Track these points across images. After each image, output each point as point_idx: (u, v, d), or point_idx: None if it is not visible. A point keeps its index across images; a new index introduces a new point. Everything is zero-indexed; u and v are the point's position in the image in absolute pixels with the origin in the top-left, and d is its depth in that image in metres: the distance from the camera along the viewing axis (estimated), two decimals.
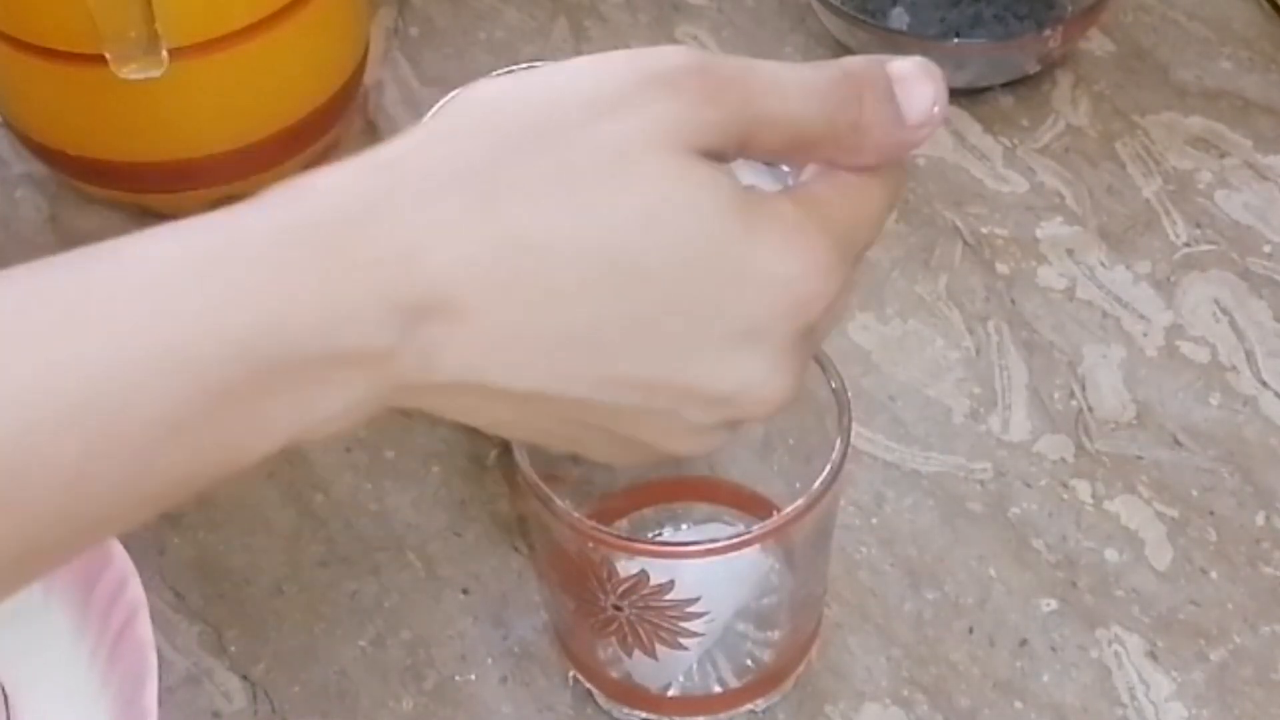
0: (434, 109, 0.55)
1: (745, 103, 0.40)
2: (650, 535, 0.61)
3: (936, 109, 0.42)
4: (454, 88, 0.60)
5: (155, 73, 0.66)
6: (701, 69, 0.40)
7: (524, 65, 0.47)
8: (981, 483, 0.66)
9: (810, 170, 0.43)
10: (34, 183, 0.79)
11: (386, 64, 0.83)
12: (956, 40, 0.79)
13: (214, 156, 0.72)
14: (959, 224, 0.75)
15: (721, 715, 0.59)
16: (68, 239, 0.76)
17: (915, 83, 0.42)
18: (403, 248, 0.37)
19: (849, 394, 0.55)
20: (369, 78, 0.79)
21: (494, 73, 0.41)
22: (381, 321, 0.37)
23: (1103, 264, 0.73)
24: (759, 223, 0.40)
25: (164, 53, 0.66)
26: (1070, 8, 0.80)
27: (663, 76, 0.39)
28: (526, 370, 0.39)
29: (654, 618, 0.55)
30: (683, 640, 0.56)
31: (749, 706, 0.59)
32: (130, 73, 0.66)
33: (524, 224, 0.38)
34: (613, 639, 0.56)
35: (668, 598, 0.54)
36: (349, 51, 0.76)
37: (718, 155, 0.40)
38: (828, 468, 0.54)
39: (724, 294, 0.40)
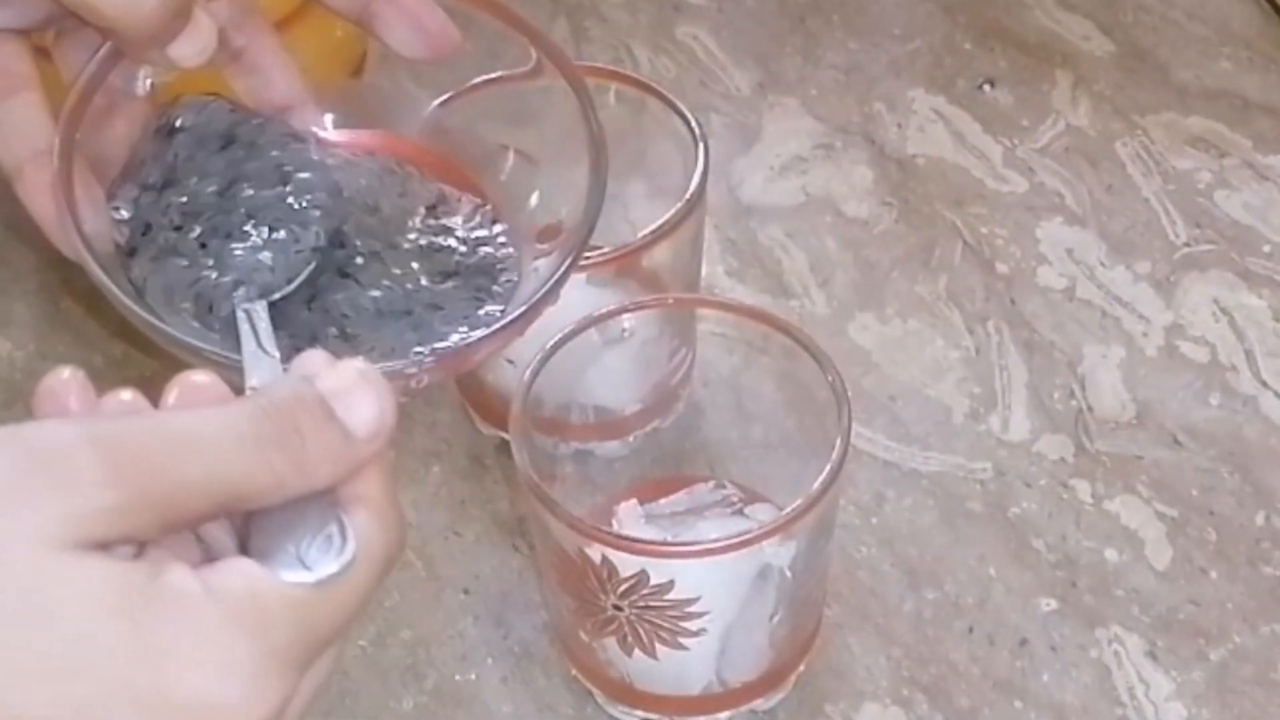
0: None
1: (155, 475, 0.34)
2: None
3: (387, 417, 0.38)
4: (449, 90, 0.60)
5: (169, 76, 0.66)
6: (95, 443, 0.34)
7: None
8: (981, 482, 0.66)
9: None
10: None
11: (383, 67, 0.83)
12: None
13: None
14: (959, 224, 0.75)
15: (721, 715, 0.59)
16: None
17: (355, 395, 0.37)
18: None
19: (849, 394, 0.55)
20: (366, 82, 0.79)
21: None
22: None
23: (1103, 264, 0.73)
24: (167, 634, 0.33)
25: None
26: None
27: (45, 461, 0.34)
28: None
29: (654, 618, 0.55)
30: (683, 640, 0.56)
31: (749, 706, 0.59)
32: (148, 74, 0.66)
33: None
34: (613, 639, 0.56)
35: (668, 598, 0.54)
36: (347, 55, 0.76)
37: (131, 540, 0.35)
38: (828, 468, 0.54)
39: None
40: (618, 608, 0.55)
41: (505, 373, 0.64)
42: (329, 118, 0.55)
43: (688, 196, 0.61)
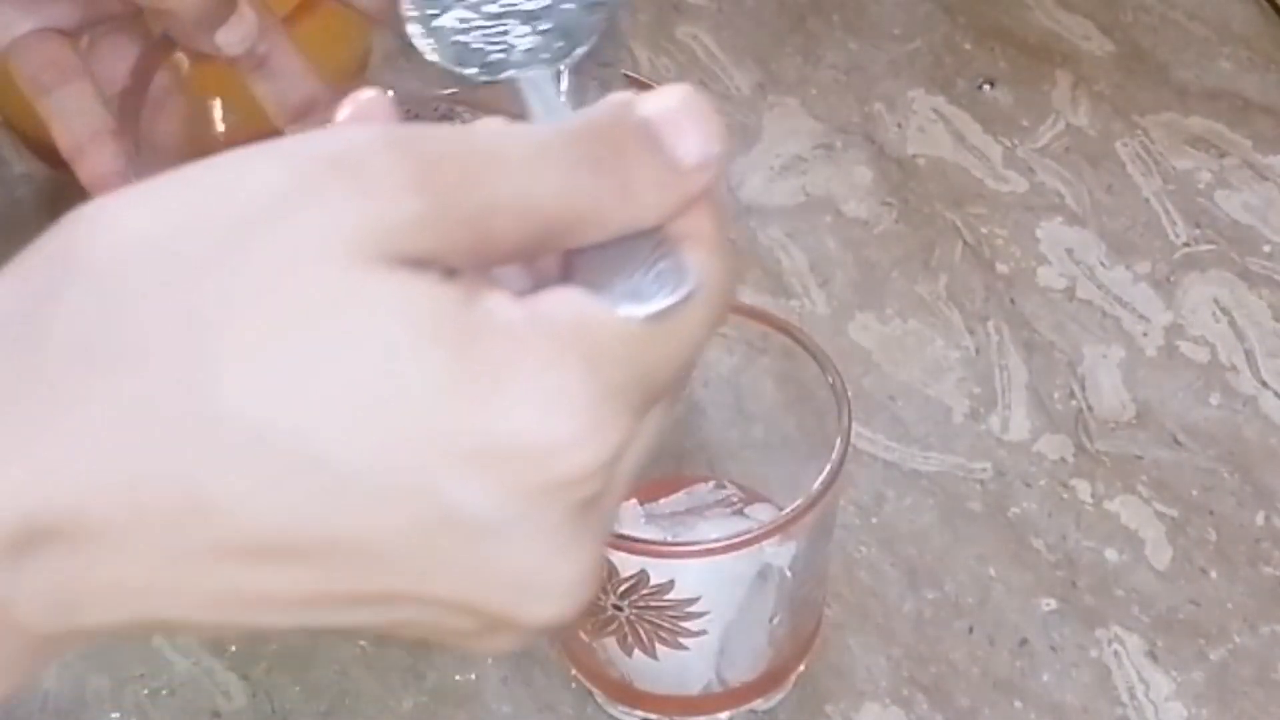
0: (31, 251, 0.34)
1: (464, 185, 0.30)
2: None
3: (715, 145, 0.33)
4: (454, 88, 0.60)
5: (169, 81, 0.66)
6: (396, 145, 0.30)
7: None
8: (981, 482, 0.66)
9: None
10: (34, 183, 0.79)
11: (389, 67, 0.83)
12: None
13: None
14: (959, 224, 0.75)
15: (721, 715, 0.59)
16: None
17: (680, 122, 0.34)
18: None
19: (849, 394, 0.55)
20: (372, 81, 0.79)
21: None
22: None
23: (1103, 264, 0.73)
24: (488, 365, 0.29)
25: (181, 55, 0.66)
26: None
27: (342, 162, 0.29)
28: (198, 596, 0.30)
29: (654, 618, 0.55)
30: (683, 640, 0.56)
31: (749, 706, 0.59)
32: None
33: (145, 410, 0.29)
34: (613, 639, 0.56)
35: (668, 598, 0.54)
36: (352, 55, 0.76)
37: (438, 262, 0.30)
38: (828, 468, 0.54)
39: (450, 474, 0.29)
40: (618, 608, 0.55)
41: None
42: None
43: None
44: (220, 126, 0.69)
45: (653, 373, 0.31)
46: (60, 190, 0.78)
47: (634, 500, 0.60)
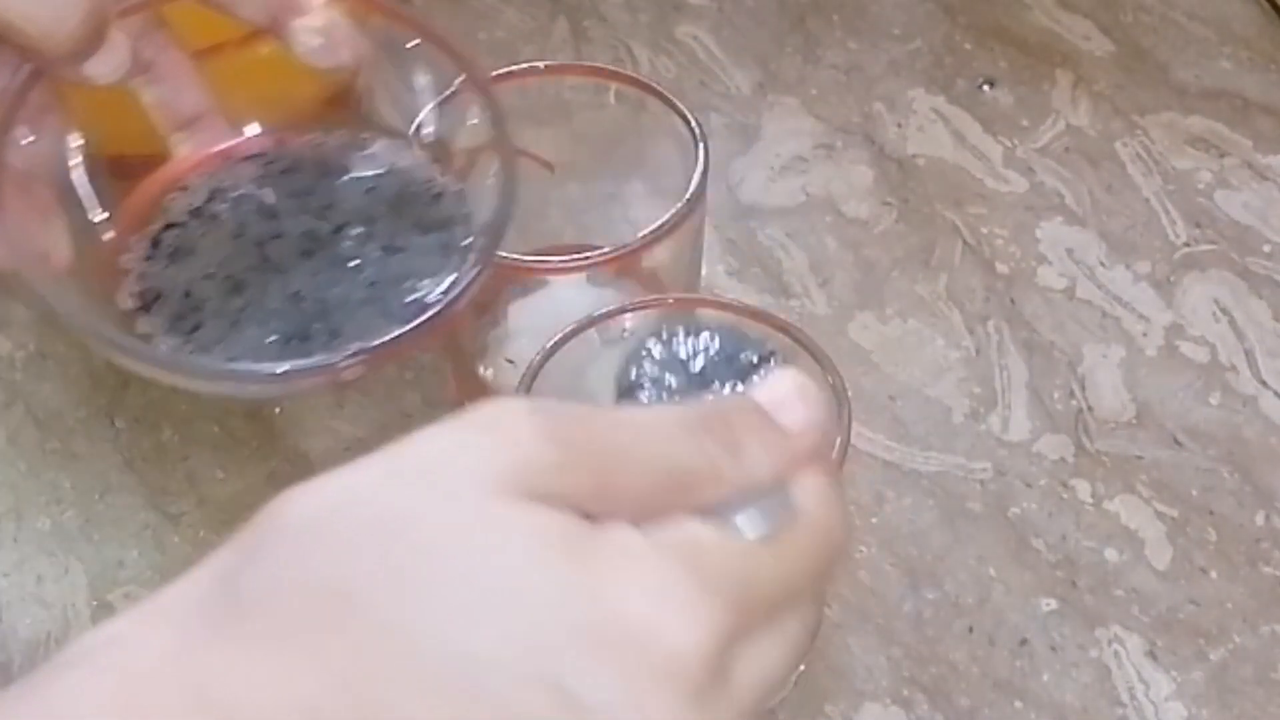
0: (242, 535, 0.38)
1: (594, 438, 0.35)
2: None
3: (819, 413, 0.39)
4: (443, 92, 0.60)
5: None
6: (536, 411, 0.35)
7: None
8: (981, 482, 0.66)
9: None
10: None
11: (377, 69, 0.83)
12: None
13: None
14: (959, 224, 0.75)
15: None
16: None
17: (789, 400, 0.38)
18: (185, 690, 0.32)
19: (849, 394, 0.55)
20: (368, 80, 0.79)
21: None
22: None
23: (1103, 264, 0.73)
24: (604, 572, 0.34)
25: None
26: None
27: (491, 425, 0.35)
28: None
29: None
30: None
31: None
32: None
33: (354, 653, 0.33)
34: None
35: None
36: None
37: (570, 501, 0.35)
38: None
39: (574, 662, 0.33)
40: None
41: (505, 372, 0.64)
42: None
43: (688, 196, 0.61)
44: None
45: (759, 586, 0.35)
46: None
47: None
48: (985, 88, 0.80)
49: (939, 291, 0.73)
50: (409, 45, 0.56)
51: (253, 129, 0.58)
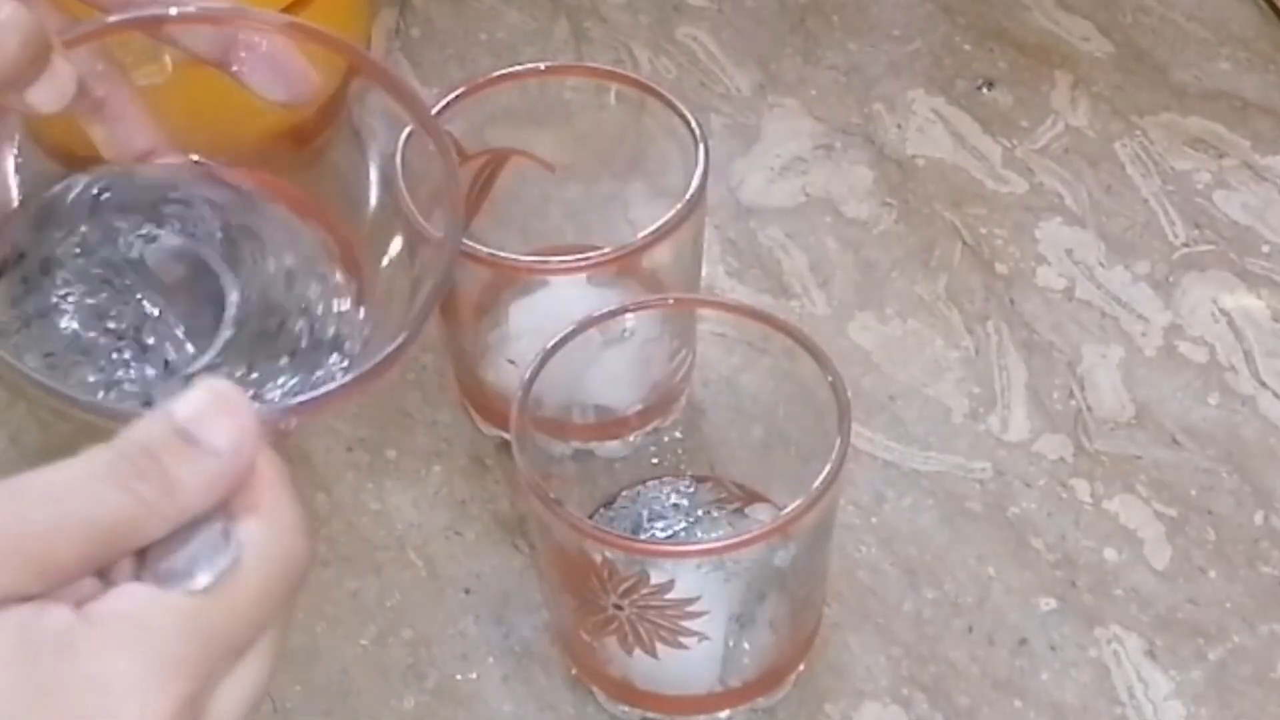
0: None
1: (19, 526, 0.34)
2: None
3: (247, 427, 0.37)
4: (454, 88, 0.60)
5: (158, 80, 0.66)
6: None
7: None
8: (981, 482, 0.66)
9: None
10: (48, 182, 0.79)
11: (387, 64, 0.83)
12: None
13: (216, 158, 0.72)
14: (959, 224, 0.75)
15: (721, 714, 0.60)
16: None
17: (210, 415, 0.37)
18: None
19: (849, 394, 0.56)
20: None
21: None
22: None
23: (1102, 264, 0.73)
24: (50, 676, 0.34)
25: (167, 58, 0.66)
26: None
27: None
28: None
29: (654, 617, 0.55)
30: (683, 639, 0.56)
31: (749, 705, 0.60)
32: (137, 79, 0.66)
33: None
34: (613, 638, 0.57)
35: (668, 597, 0.54)
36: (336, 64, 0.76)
37: (14, 595, 0.34)
38: (828, 468, 0.54)
39: None
40: (618, 607, 0.55)
41: (506, 373, 0.64)
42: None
43: (688, 197, 0.61)
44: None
45: (211, 636, 0.35)
46: None
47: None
48: (985, 88, 0.81)
49: (938, 292, 0.73)
50: (355, 85, 0.55)
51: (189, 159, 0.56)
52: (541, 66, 0.66)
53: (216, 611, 0.36)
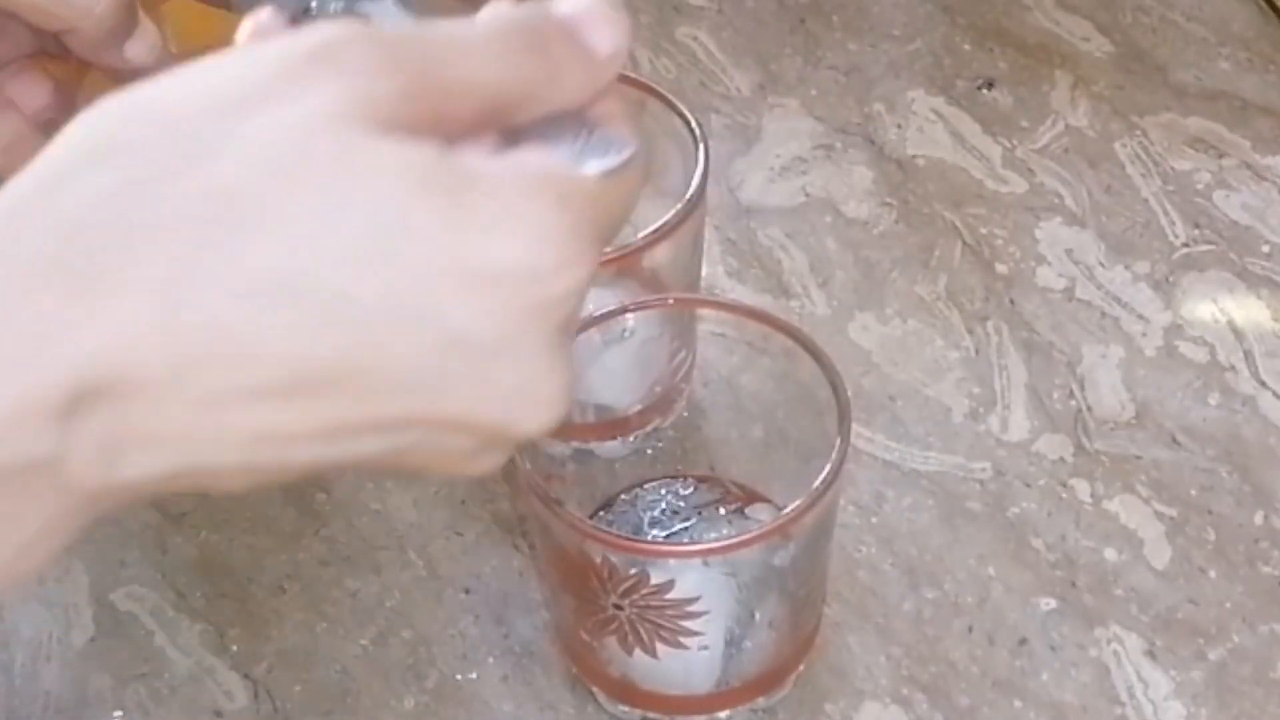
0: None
1: (428, 66, 0.35)
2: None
3: (625, 37, 0.38)
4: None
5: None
6: (367, 38, 0.34)
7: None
8: (981, 482, 0.66)
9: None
10: None
11: None
12: None
13: None
14: (959, 224, 0.75)
15: (721, 714, 0.60)
16: None
17: (595, 21, 0.38)
18: (23, 340, 0.32)
19: (849, 394, 0.56)
20: None
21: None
22: (24, 426, 0.32)
23: (1102, 264, 0.73)
24: (477, 205, 0.34)
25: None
26: None
27: (320, 52, 0.34)
28: (234, 438, 0.33)
29: (654, 617, 0.55)
30: (683, 639, 0.56)
31: (749, 705, 0.60)
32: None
33: (182, 273, 0.32)
34: (613, 638, 0.57)
35: (668, 597, 0.54)
36: None
37: (413, 131, 0.35)
38: (828, 468, 0.54)
39: (453, 299, 0.33)
40: (618, 607, 0.55)
41: None
42: None
43: (688, 197, 0.61)
44: None
45: (606, 218, 0.36)
46: None
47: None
48: (985, 88, 0.81)
49: (938, 292, 0.73)
50: None
51: None
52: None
53: (613, 198, 0.37)
